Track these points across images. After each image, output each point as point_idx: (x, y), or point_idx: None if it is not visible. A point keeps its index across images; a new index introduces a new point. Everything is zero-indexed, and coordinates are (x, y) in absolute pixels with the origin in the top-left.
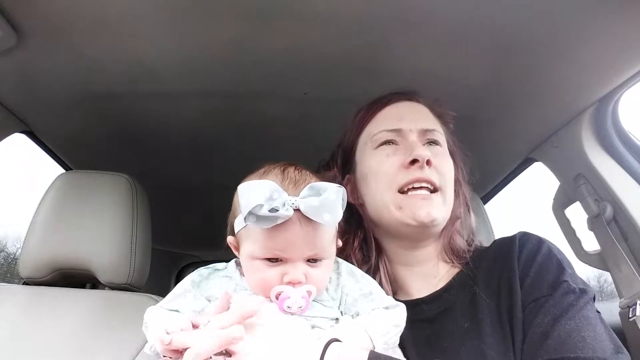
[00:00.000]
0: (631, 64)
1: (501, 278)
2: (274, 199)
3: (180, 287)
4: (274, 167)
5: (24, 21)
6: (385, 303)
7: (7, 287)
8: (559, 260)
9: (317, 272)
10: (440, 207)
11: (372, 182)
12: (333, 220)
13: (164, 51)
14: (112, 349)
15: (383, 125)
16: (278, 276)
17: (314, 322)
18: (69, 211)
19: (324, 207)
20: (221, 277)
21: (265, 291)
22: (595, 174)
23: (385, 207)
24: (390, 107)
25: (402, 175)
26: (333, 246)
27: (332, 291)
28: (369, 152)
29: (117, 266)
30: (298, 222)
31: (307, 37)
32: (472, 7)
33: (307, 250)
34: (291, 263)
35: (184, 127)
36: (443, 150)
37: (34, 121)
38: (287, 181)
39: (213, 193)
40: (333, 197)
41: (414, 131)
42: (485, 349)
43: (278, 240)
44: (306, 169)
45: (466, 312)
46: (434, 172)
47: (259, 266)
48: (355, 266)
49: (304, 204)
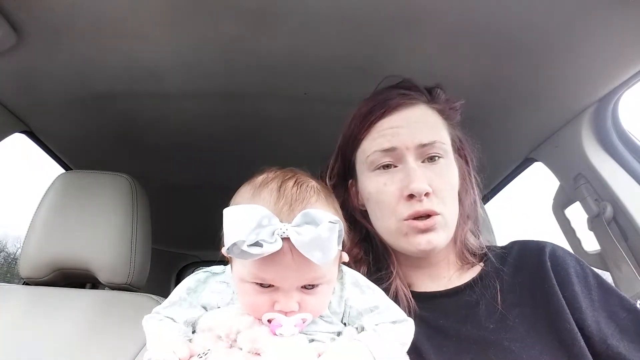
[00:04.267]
0: (631, 64)
1: (533, 287)
2: (263, 226)
3: (175, 293)
4: (272, 179)
5: (24, 21)
6: (392, 317)
7: (7, 287)
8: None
9: (313, 299)
10: (440, 230)
11: (375, 208)
12: (325, 259)
13: (164, 51)
14: (112, 349)
15: (377, 143)
16: (269, 302)
17: (313, 336)
18: (69, 211)
19: (315, 244)
20: (218, 282)
21: (256, 315)
22: (595, 174)
23: (391, 235)
24: (384, 121)
25: (402, 207)
26: (334, 269)
27: (334, 305)
28: (366, 173)
29: (117, 266)
30: (289, 253)
31: (307, 37)
32: (472, 7)
33: (300, 280)
34: (283, 291)
35: (184, 127)
36: (444, 162)
37: (34, 121)
38: (282, 202)
39: (213, 193)
40: (326, 235)
41: (410, 149)
42: (515, 351)
43: (267, 270)
44: (308, 180)
45: (491, 313)
46: (434, 199)
47: (248, 290)
48: (351, 264)
49: (295, 237)
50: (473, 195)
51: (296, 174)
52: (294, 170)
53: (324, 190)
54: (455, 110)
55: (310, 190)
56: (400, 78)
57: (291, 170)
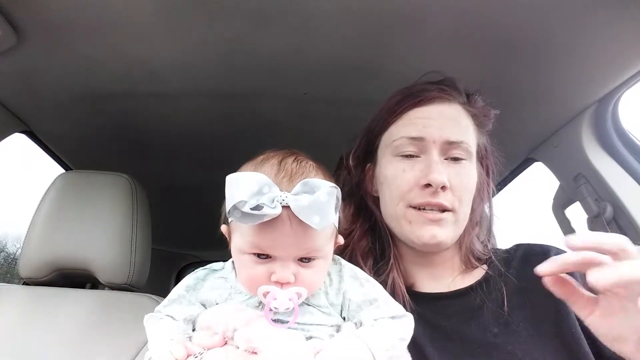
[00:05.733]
0: (631, 64)
1: (538, 291)
2: (264, 193)
3: (175, 291)
4: (273, 156)
5: (24, 21)
6: (391, 312)
7: (7, 287)
8: None
9: (309, 272)
10: (449, 227)
11: (387, 191)
12: (323, 224)
13: (163, 51)
14: (112, 349)
15: (406, 130)
16: (266, 274)
17: (311, 331)
18: (69, 211)
19: (314, 208)
20: (217, 278)
21: (252, 289)
22: (595, 174)
23: (396, 219)
24: (417, 110)
25: (414, 194)
26: (330, 245)
27: (332, 296)
28: (388, 157)
29: (117, 266)
30: (288, 221)
31: (307, 37)
32: (472, 7)
33: (297, 250)
34: (280, 261)
35: (184, 127)
36: (467, 165)
37: (34, 121)
38: (282, 174)
39: (213, 193)
40: (324, 199)
41: (437, 143)
42: (519, 355)
43: (266, 238)
44: (308, 159)
45: (495, 317)
46: (449, 195)
47: (247, 261)
48: (359, 257)
49: (294, 202)
50: (487, 204)
51: (295, 153)
52: (294, 150)
53: (322, 168)
54: (489, 119)
55: (310, 166)
56: (442, 76)
57: (291, 150)
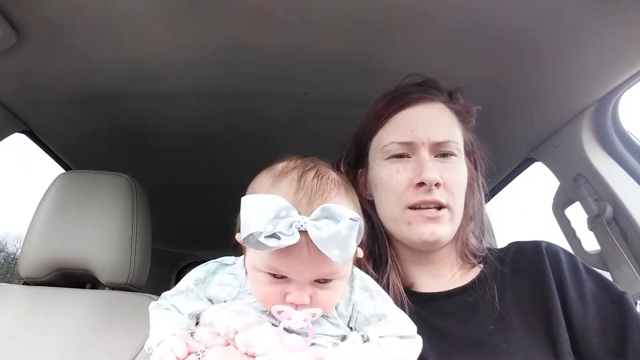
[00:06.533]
0: (631, 64)
1: (532, 287)
2: (281, 217)
3: (184, 282)
4: (292, 168)
5: (24, 21)
6: (399, 331)
7: (7, 287)
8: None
9: (326, 293)
10: (446, 223)
11: (383, 195)
12: (343, 258)
13: (164, 51)
14: (112, 349)
15: (394, 135)
16: (280, 294)
17: (316, 339)
18: (69, 211)
19: (334, 241)
20: (227, 273)
21: (266, 306)
22: (595, 174)
23: (394, 221)
24: (403, 113)
25: (410, 194)
26: (349, 265)
27: (342, 307)
28: (379, 161)
29: (117, 266)
30: (306, 246)
31: (307, 37)
32: (472, 7)
33: (314, 274)
34: (296, 284)
35: (184, 127)
36: (456, 160)
37: (34, 121)
38: (301, 194)
39: (213, 193)
40: (345, 232)
41: (426, 144)
42: (512, 352)
43: (282, 262)
44: (328, 172)
45: (490, 315)
46: (443, 191)
47: (261, 279)
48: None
49: (313, 231)
50: (478, 198)
51: (317, 165)
52: (315, 160)
53: (344, 184)
54: (471, 115)
55: (331, 183)
56: (422, 77)
57: (312, 160)
